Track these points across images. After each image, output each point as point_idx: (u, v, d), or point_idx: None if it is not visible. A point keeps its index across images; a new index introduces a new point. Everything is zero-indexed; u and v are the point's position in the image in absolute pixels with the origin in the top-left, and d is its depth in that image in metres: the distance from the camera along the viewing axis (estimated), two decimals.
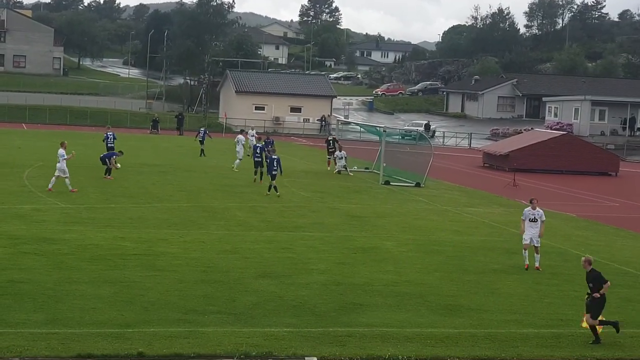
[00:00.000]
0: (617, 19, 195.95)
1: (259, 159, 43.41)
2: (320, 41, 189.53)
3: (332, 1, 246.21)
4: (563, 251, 29.79)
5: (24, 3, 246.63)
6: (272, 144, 49.18)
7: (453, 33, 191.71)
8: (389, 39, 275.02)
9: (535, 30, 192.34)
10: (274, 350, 16.83)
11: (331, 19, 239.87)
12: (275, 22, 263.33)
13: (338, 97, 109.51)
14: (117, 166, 41.87)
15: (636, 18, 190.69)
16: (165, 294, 20.46)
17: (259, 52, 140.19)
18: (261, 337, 17.53)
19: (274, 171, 39.28)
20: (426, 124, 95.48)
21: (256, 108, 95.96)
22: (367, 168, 54.97)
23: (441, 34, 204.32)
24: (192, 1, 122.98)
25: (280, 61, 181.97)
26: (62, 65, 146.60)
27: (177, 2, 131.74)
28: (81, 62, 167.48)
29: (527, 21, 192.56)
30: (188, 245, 26.62)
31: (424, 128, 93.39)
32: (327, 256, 26.26)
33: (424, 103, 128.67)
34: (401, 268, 25.22)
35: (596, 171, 63.48)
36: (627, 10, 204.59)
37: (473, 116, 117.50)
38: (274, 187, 39.14)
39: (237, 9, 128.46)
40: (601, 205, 45.87)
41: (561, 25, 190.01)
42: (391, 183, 47.66)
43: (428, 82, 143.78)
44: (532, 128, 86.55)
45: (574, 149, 63.88)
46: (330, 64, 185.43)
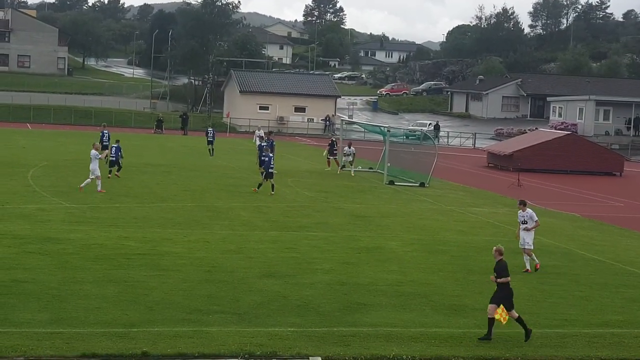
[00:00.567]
0: (622, 19, 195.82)
1: (265, 158, 43.34)
2: (324, 41, 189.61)
3: (336, 1, 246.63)
4: (567, 251, 29.75)
5: (29, 3, 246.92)
6: (271, 145, 47.91)
7: (457, 33, 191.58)
8: (393, 39, 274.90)
9: (539, 30, 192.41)
10: (278, 350, 16.83)
11: (335, 19, 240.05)
12: (279, 22, 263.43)
13: (342, 97, 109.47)
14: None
15: None
16: (169, 294, 20.47)
17: (263, 52, 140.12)
18: (265, 337, 17.53)
19: (271, 169, 39.83)
20: (436, 125, 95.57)
21: (260, 108, 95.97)
22: (372, 168, 54.94)
23: (445, 34, 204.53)
24: (197, 1, 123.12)
25: (284, 61, 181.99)
26: (67, 65, 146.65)
27: (182, 2, 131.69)
28: (86, 62, 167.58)
29: (532, 21, 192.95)
30: (192, 245, 26.63)
31: (434, 128, 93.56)
32: (332, 256, 26.26)
33: (429, 103, 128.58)
34: (405, 268, 25.21)
35: (601, 171, 63.39)
36: (632, 10, 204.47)
37: (477, 116, 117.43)
38: (272, 185, 39.70)
39: (241, 9, 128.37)
40: (606, 205, 45.81)
41: (565, 25, 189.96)
42: (395, 183, 47.64)
43: (432, 82, 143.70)
44: (537, 128, 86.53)
45: (579, 149, 63.80)
46: (334, 64, 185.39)
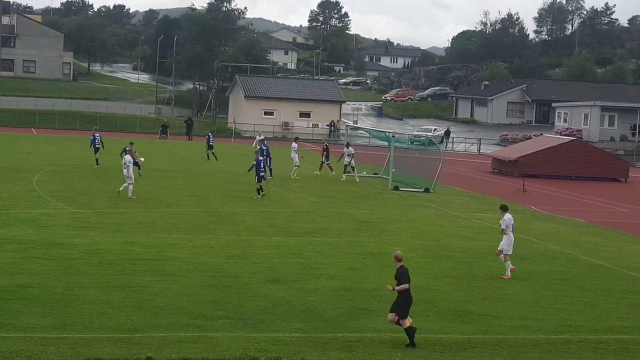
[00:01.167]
0: (627, 25, 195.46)
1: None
2: (329, 46, 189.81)
3: (341, 6, 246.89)
4: (572, 257, 29.71)
5: (34, 8, 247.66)
6: (263, 151, 47.12)
7: (462, 38, 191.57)
8: (398, 45, 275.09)
9: (544, 35, 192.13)
10: (283, 355, 16.81)
11: (340, 24, 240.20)
12: (284, 28, 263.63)
13: (347, 103, 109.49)
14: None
15: None
16: (174, 299, 20.47)
17: (268, 58, 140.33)
18: (270, 342, 17.52)
19: (262, 172, 40.21)
20: (446, 131, 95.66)
21: (265, 113, 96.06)
22: (376, 173, 54.92)
23: (450, 40, 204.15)
24: (202, 7, 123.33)
25: (289, 66, 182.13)
26: (72, 70, 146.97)
27: (187, 8, 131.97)
28: (91, 67, 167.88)
29: (537, 27, 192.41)
30: (197, 250, 26.64)
31: (444, 134, 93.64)
32: (336, 261, 26.24)
33: (433, 108, 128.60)
34: (410, 274, 25.12)
35: (606, 177, 63.31)
36: (637, 15, 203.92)
37: (482, 121, 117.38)
38: (259, 190, 40.00)
39: (247, 15, 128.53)
40: (611, 211, 45.75)
41: (571, 30, 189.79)
42: (400, 188, 47.62)
43: (437, 88, 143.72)
44: (542, 134, 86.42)
45: (584, 155, 63.74)
46: (339, 69, 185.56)
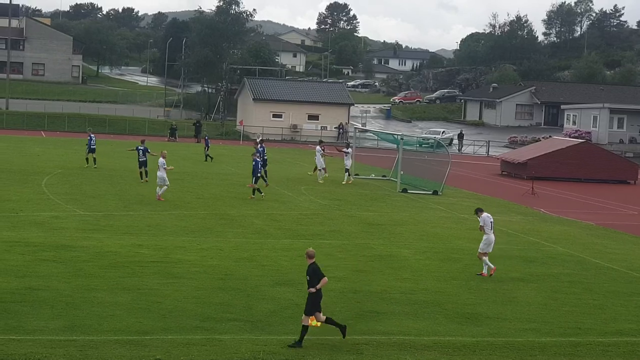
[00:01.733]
0: (636, 27, 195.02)
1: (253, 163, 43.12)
2: (337, 49, 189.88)
3: (350, 9, 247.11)
4: (581, 260, 29.65)
5: (43, 11, 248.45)
6: (260, 152, 47.17)
7: (471, 41, 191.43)
8: (407, 47, 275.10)
9: (553, 38, 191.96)
10: (291, 358, 16.82)
11: (349, 27, 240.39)
12: (292, 30, 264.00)
13: (355, 105, 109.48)
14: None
15: None
16: (182, 302, 20.50)
17: (277, 60, 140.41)
18: (278, 345, 17.53)
19: (258, 174, 40.55)
20: (459, 133, 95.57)
21: (274, 116, 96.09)
22: (385, 176, 54.92)
23: (459, 42, 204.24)
24: (211, 9, 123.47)
25: (297, 69, 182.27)
26: (81, 73, 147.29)
27: (196, 11, 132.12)
28: (100, 70, 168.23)
29: (546, 29, 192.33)
30: (205, 252, 26.66)
31: (458, 137, 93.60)
32: (345, 264, 26.24)
33: (442, 111, 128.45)
34: (418, 276, 25.18)
35: (614, 179, 63.17)
36: None
37: (491, 124, 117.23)
38: (256, 190, 40.23)
39: (255, 17, 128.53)
40: (619, 213, 45.65)
41: (579, 33, 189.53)
42: (409, 191, 47.60)
43: (446, 90, 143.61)
44: (551, 136, 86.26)
45: (593, 157, 63.60)
46: (347, 72, 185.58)
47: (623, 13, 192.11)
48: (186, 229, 30.90)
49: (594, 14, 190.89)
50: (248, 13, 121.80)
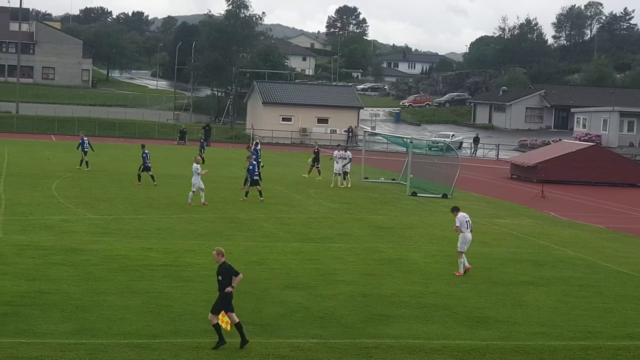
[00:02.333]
0: None
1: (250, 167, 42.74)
2: (347, 52, 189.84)
3: (359, 12, 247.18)
4: (591, 263, 29.57)
5: (53, 15, 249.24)
6: (255, 154, 47.06)
7: (480, 44, 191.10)
8: (416, 50, 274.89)
9: (563, 41, 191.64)
10: None
11: (358, 30, 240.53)
12: (302, 34, 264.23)
13: (365, 108, 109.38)
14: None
15: None
16: (192, 305, 20.52)
17: (286, 64, 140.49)
18: (287, 348, 17.53)
19: (255, 176, 40.68)
20: (475, 137, 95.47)
21: (283, 119, 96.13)
22: (394, 179, 54.90)
23: (468, 45, 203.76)
24: (220, 13, 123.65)
25: (307, 72, 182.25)
26: (91, 77, 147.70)
27: (205, 15, 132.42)
28: (110, 74, 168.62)
29: (555, 32, 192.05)
30: None
31: (473, 141, 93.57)
32: (354, 267, 26.23)
33: (451, 114, 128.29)
34: (428, 279, 25.15)
35: (625, 182, 63.00)
36: None
37: (501, 127, 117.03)
38: (259, 192, 40.50)
39: (264, 21, 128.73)
40: (630, 216, 45.51)
41: (589, 36, 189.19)
42: (418, 194, 47.56)
43: (455, 93, 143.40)
44: (560, 139, 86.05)
45: (603, 161, 63.45)
46: (357, 75, 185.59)
47: (633, 16, 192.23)
48: (195, 233, 30.94)
49: (604, 17, 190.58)
50: (257, 17, 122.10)
